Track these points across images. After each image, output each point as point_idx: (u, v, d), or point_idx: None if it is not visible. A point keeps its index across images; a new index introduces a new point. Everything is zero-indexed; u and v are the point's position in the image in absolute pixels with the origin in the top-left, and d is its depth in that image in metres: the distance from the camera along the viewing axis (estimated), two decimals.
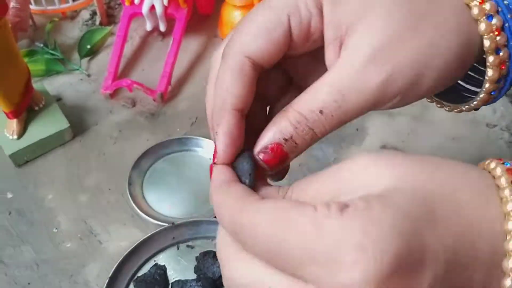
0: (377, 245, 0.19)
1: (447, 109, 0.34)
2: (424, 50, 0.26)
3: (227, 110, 0.27)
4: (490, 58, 0.28)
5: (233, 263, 0.24)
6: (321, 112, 0.26)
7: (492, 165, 0.24)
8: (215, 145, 0.28)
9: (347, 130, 0.63)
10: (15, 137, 0.59)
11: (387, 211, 0.20)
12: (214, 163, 0.28)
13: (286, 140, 0.26)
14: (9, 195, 0.57)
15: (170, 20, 0.71)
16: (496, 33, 0.27)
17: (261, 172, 0.28)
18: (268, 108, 0.33)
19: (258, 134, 0.28)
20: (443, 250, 0.20)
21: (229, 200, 0.24)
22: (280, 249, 0.21)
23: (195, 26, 0.76)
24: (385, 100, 0.27)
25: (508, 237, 0.21)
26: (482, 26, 0.27)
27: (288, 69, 0.32)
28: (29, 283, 0.51)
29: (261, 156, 0.27)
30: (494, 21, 0.27)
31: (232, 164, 0.28)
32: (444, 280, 0.20)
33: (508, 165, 0.23)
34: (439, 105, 0.34)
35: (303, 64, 0.31)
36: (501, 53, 0.27)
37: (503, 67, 0.28)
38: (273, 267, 0.22)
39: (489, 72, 0.28)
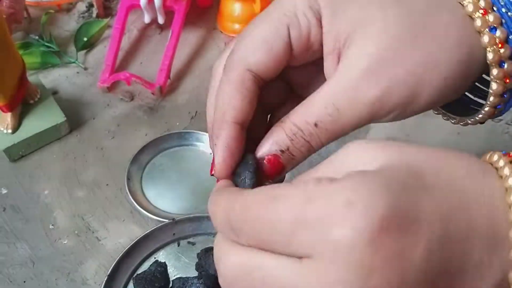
0: (367, 200, 0.19)
1: (453, 121, 0.34)
2: (422, 64, 0.26)
3: (227, 122, 0.27)
4: (494, 71, 0.27)
5: (227, 257, 0.23)
6: (316, 125, 0.26)
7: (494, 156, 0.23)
8: (213, 157, 0.28)
9: None
10: (10, 131, 0.57)
11: (378, 176, 0.20)
12: (212, 175, 0.28)
13: (282, 151, 0.27)
14: (4, 191, 0.56)
15: (168, 13, 0.70)
16: (500, 45, 0.26)
17: (259, 180, 0.28)
18: (269, 116, 0.33)
19: (257, 142, 0.28)
20: (439, 217, 0.20)
21: (222, 198, 0.24)
22: (271, 225, 0.20)
23: (194, 19, 0.74)
24: (381, 115, 0.26)
25: None
26: (486, 38, 0.26)
27: (288, 79, 0.32)
28: (24, 281, 0.49)
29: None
30: (497, 33, 0.26)
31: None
32: (441, 248, 0.20)
33: (504, 152, 0.23)
34: (445, 118, 0.34)
35: (304, 74, 0.31)
36: (505, 66, 0.27)
37: (507, 81, 0.27)
38: (267, 250, 0.21)
39: (493, 85, 0.27)
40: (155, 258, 0.50)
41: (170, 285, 0.48)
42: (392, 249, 0.19)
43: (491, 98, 0.28)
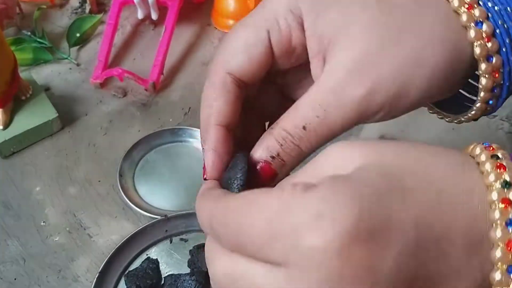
0: (335, 211, 0.19)
1: (447, 120, 0.33)
2: (406, 61, 0.26)
3: (211, 125, 0.27)
4: (482, 66, 0.27)
5: (216, 262, 0.23)
6: (304, 128, 0.26)
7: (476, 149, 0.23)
8: (204, 161, 0.28)
9: None
10: (1, 127, 0.57)
11: (349, 184, 0.20)
12: (205, 179, 0.28)
13: (273, 157, 0.26)
14: None
15: (162, 8, 0.69)
16: (487, 39, 0.26)
17: (254, 183, 0.27)
18: (267, 124, 0.33)
19: None
20: (413, 222, 0.19)
21: (206, 201, 0.24)
22: (247, 232, 0.21)
23: (188, 15, 0.74)
24: (369, 114, 0.26)
25: (493, 207, 0.21)
26: (472, 33, 0.26)
27: (281, 84, 0.32)
28: (15, 279, 0.49)
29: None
30: (484, 27, 0.26)
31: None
32: (415, 254, 0.19)
33: (487, 144, 0.23)
34: (440, 116, 0.34)
35: (294, 78, 0.31)
36: (493, 60, 0.27)
37: (496, 75, 0.27)
38: (247, 255, 0.21)
39: (483, 80, 0.27)
40: (147, 255, 0.49)
41: (162, 282, 0.48)
42: (362, 259, 0.19)
43: (482, 94, 0.28)
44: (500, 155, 0.22)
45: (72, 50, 0.69)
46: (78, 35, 0.70)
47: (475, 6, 0.26)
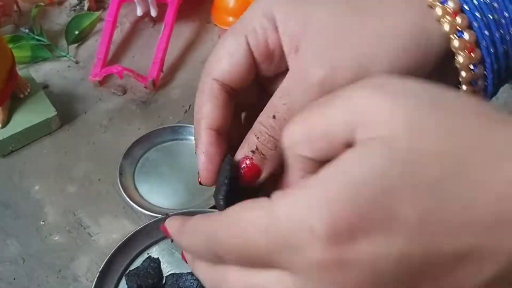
0: (329, 228, 0.18)
1: None
2: (367, 41, 0.26)
3: (202, 130, 0.28)
4: (455, 43, 0.26)
5: (229, 279, 0.23)
6: (274, 117, 0.27)
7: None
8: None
9: None
10: None
11: (347, 189, 0.19)
12: (200, 183, 0.29)
13: (253, 152, 0.27)
14: None
15: (161, 5, 0.69)
16: (453, 15, 0.26)
17: (240, 188, 0.28)
18: None
19: None
20: (418, 221, 0.18)
21: (199, 226, 0.24)
22: (247, 248, 0.21)
23: (188, 12, 0.73)
24: None
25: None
26: (438, 11, 0.26)
27: (271, 91, 0.32)
28: (14, 279, 0.48)
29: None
30: (450, 4, 0.26)
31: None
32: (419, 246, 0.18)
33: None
34: None
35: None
36: (464, 35, 0.26)
37: (472, 52, 0.26)
38: (254, 266, 0.21)
39: (459, 59, 0.27)
40: (148, 254, 0.49)
41: (164, 281, 0.47)
42: (363, 254, 0.18)
43: (462, 73, 0.27)
44: None
45: (71, 48, 0.68)
46: (76, 32, 0.69)
47: None
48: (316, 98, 0.25)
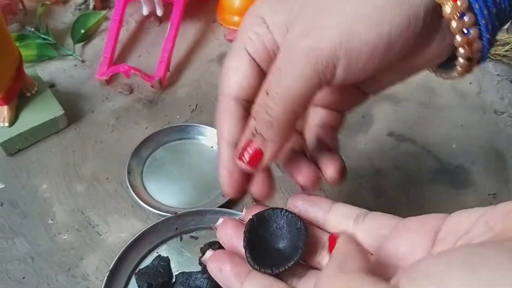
0: None
1: (445, 76, 0.32)
2: (347, 12, 0.26)
3: (221, 146, 0.30)
4: (447, 9, 0.26)
5: None
6: (267, 92, 0.27)
7: None
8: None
9: (353, 118, 0.61)
10: (6, 124, 0.56)
11: None
12: (223, 196, 0.32)
13: (254, 135, 0.28)
14: (1, 185, 0.54)
15: (167, 4, 0.69)
16: None
17: None
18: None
19: None
20: None
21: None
22: None
23: (193, 11, 0.73)
24: (324, 69, 0.26)
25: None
26: None
27: None
28: (23, 278, 0.48)
29: (241, 158, 0.29)
30: None
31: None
32: None
33: None
34: (437, 74, 0.33)
35: None
36: (458, 1, 0.26)
37: (463, 14, 0.26)
38: None
39: (446, 8, 0.26)
40: (157, 253, 0.49)
41: (174, 279, 0.47)
42: None
43: (452, 23, 0.27)
44: None
45: (77, 47, 0.68)
46: (82, 31, 0.69)
47: None
48: (307, 71, 0.26)
